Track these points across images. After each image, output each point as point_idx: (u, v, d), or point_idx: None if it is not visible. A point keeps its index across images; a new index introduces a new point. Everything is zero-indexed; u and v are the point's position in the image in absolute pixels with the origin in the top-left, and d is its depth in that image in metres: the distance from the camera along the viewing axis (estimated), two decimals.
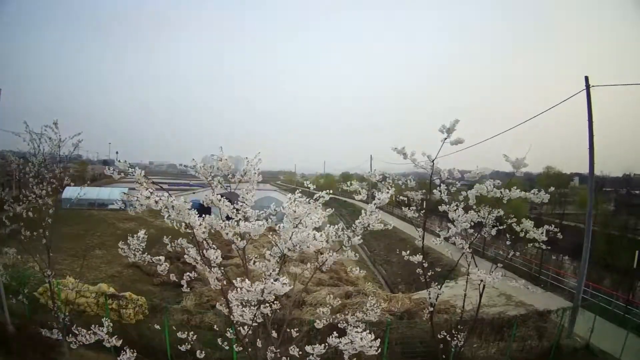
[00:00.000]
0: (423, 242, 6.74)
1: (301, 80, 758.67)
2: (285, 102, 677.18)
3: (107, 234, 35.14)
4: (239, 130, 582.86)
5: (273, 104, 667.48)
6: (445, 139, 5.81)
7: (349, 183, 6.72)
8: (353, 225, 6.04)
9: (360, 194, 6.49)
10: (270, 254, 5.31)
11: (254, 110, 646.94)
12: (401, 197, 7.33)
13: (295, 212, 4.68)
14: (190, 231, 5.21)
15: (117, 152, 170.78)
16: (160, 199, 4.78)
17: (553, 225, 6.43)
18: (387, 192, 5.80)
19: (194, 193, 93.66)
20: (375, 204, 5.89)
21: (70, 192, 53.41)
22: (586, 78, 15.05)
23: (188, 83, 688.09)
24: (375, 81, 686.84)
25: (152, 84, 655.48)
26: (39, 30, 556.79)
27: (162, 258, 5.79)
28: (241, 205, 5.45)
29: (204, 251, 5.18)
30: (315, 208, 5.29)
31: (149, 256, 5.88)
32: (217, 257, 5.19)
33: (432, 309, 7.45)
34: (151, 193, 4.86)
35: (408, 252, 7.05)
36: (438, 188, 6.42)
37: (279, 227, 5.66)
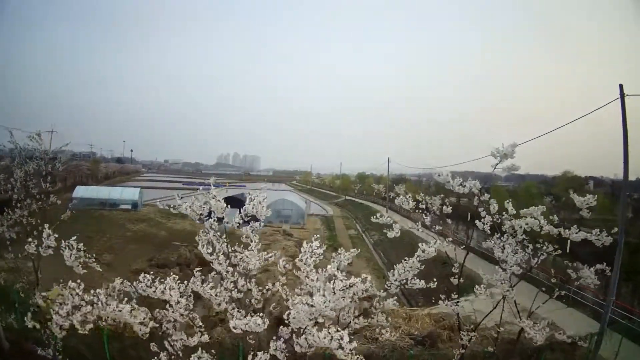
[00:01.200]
0: (459, 280, 5.89)
1: (318, 81, 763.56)
2: (301, 102, 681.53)
3: (117, 236, 34.74)
4: (254, 130, 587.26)
5: (288, 104, 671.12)
6: (498, 163, 5.05)
7: (378, 215, 5.93)
8: (386, 283, 5.22)
9: (393, 229, 5.70)
10: (274, 349, 4.45)
11: (271, 109, 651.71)
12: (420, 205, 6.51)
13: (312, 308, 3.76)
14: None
15: (131, 150, 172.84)
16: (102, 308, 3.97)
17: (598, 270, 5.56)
18: (435, 245, 4.97)
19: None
20: (418, 256, 5.06)
21: (82, 191, 53.93)
22: (621, 86, 14.21)
23: (205, 82, 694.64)
24: (393, 82, 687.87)
25: (168, 82, 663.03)
26: (53, 28, 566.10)
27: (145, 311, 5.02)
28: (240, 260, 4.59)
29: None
30: (344, 299, 4.34)
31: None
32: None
33: (463, 350, 6.68)
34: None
35: (444, 295, 6.20)
36: (482, 220, 5.62)
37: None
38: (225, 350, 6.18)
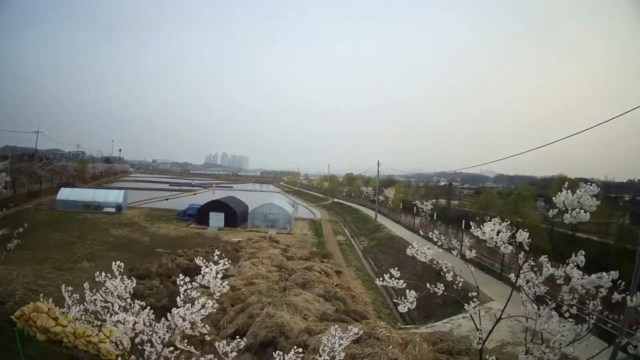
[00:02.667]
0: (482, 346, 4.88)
1: (305, 82, 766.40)
2: (291, 104, 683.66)
3: (98, 241, 33.41)
4: (243, 131, 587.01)
5: (278, 104, 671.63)
6: (562, 212, 4.11)
7: (380, 279, 4.92)
8: None
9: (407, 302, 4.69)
10: None
11: (259, 111, 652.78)
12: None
13: None
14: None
15: (120, 150, 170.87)
16: None
17: None
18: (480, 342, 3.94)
19: (194, 194, 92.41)
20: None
21: (66, 193, 52.45)
22: None
23: (195, 83, 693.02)
24: (385, 83, 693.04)
25: (157, 82, 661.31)
26: (42, 28, 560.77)
27: None
28: None
29: None
30: None
31: None
32: None
33: None
34: None
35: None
36: (520, 276, 4.60)
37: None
38: None
